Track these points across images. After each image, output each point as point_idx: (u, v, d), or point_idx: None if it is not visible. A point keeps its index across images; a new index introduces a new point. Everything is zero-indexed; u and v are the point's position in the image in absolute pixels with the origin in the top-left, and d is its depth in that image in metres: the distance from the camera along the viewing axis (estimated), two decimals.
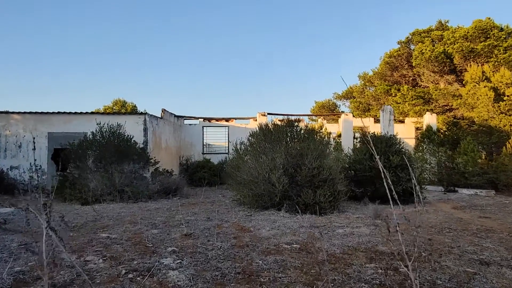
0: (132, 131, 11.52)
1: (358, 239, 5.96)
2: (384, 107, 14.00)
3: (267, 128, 9.52)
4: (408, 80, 28.27)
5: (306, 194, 8.30)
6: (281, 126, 9.28)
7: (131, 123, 11.73)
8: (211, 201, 10.68)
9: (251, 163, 8.93)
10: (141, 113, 11.91)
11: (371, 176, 10.65)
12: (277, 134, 9.15)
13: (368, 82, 31.71)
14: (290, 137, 9.19)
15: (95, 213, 8.05)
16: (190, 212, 8.45)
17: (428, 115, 17.17)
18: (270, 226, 6.84)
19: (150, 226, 6.66)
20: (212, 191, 14.15)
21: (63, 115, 11.78)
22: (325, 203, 8.31)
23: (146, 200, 10.47)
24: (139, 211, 8.47)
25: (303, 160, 8.67)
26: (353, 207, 9.59)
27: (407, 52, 26.64)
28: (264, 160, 8.87)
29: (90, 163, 10.76)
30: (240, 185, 9.43)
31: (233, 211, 8.83)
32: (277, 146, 9.07)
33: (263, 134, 9.44)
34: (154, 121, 12.64)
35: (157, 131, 13.13)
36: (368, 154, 10.90)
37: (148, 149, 11.79)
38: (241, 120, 20.30)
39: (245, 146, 9.70)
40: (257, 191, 8.73)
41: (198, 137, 19.64)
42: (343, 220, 7.70)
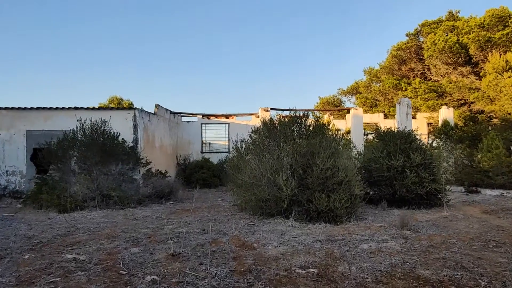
0: (120, 128, 10.32)
1: (389, 258, 4.73)
2: (401, 100, 12.74)
3: (272, 123, 8.29)
4: (416, 74, 26.97)
5: (319, 199, 7.08)
6: (288, 121, 8.04)
7: (119, 119, 10.53)
8: (208, 207, 9.46)
9: (254, 163, 7.70)
10: (130, 108, 10.71)
11: (389, 177, 9.41)
12: (283, 130, 7.91)
13: (374, 77, 30.44)
14: (298, 133, 7.96)
15: (69, 224, 6.84)
16: (182, 221, 7.23)
17: (444, 109, 15.88)
18: (278, 241, 5.61)
19: (130, 242, 5.43)
20: (210, 194, 12.93)
21: (43, 111, 10.57)
22: (341, 210, 7.08)
23: (135, 205, 9.26)
24: (123, 221, 7.26)
25: (314, 160, 7.44)
26: (371, 213, 8.36)
27: (416, 45, 25.36)
28: (269, 159, 7.64)
29: (72, 165, 9.56)
30: (241, 188, 8.21)
31: (233, 219, 7.61)
32: (283, 143, 7.84)
33: (267, 130, 8.21)
34: (145, 117, 11.43)
35: (150, 128, 11.92)
36: (385, 151, 9.65)
37: (138, 148, 10.59)
38: (242, 117, 19.07)
39: (246, 144, 8.47)
40: (260, 196, 7.51)
41: (197, 135, 18.42)
42: (363, 230, 6.47)
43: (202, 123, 18.53)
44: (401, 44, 26.21)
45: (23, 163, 10.50)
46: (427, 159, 9.61)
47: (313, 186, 7.30)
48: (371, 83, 30.34)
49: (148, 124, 11.72)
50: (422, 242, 5.65)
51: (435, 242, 5.67)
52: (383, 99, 27.68)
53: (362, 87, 30.43)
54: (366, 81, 30.80)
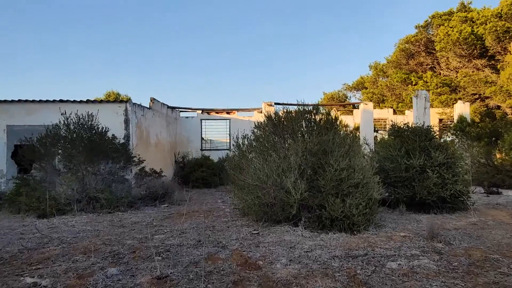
0: (110, 123, 9.39)
1: (428, 283, 3.79)
2: (418, 92, 11.75)
3: (278, 118, 7.34)
4: (425, 69, 25.93)
5: (333, 204, 6.13)
6: (296, 115, 7.08)
7: (109, 113, 9.60)
8: (207, 210, 8.53)
9: (258, 162, 6.75)
10: (121, 100, 9.78)
11: (407, 178, 8.46)
12: (290, 126, 6.96)
13: (381, 72, 29.43)
14: (307, 129, 7.00)
15: (43, 233, 5.91)
16: (176, 229, 6.30)
17: (460, 104, 14.87)
18: (288, 256, 4.68)
19: (110, 259, 4.50)
20: (210, 195, 12.00)
21: (25, 104, 9.63)
22: (358, 217, 6.13)
23: (125, 209, 8.34)
24: (108, 229, 6.33)
25: (327, 159, 6.49)
26: (389, 219, 7.41)
27: (425, 37, 24.32)
28: (275, 158, 6.70)
29: (55, 163, 8.64)
30: (243, 191, 7.27)
31: (234, 226, 6.68)
32: (291, 140, 6.90)
33: (272, 125, 7.26)
34: (139, 111, 10.49)
35: (144, 124, 10.98)
36: (403, 149, 8.69)
37: (130, 145, 9.66)
38: (244, 112, 18.13)
39: (249, 141, 7.53)
40: (265, 200, 6.58)
41: (196, 132, 17.50)
42: (386, 241, 5.53)
43: (202, 119, 17.60)
44: (410, 37, 25.16)
45: (3, 161, 9.58)
46: (450, 157, 8.65)
47: (325, 189, 6.35)
48: (377, 78, 29.32)
49: (142, 119, 10.79)
50: (460, 258, 4.71)
51: (475, 258, 4.73)
52: (390, 95, 26.68)
53: (368, 82, 29.43)
54: (372, 76, 29.79)
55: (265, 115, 7.99)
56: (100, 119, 9.24)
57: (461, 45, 17.08)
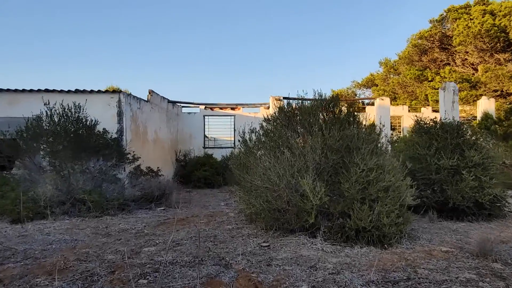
0: (102, 116, 8.40)
1: None
2: (445, 85, 10.63)
3: (291, 109, 6.30)
4: (439, 65, 24.76)
5: (359, 211, 5.09)
6: (314, 106, 6.03)
7: (100, 104, 8.60)
8: (208, 215, 7.51)
9: (268, 161, 5.71)
10: (113, 91, 8.79)
11: (438, 180, 7.39)
12: (307, 118, 5.91)
13: (392, 69, 28.30)
14: (326, 123, 5.94)
15: (5, 244, 4.91)
16: (170, 239, 5.28)
17: (484, 100, 13.72)
18: (309, 281, 3.64)
19: (79, 284, 3.48)
20: (212, 196, 10.98)
21: (7, 94, 8.63)
22: (390, 227, 5.08)
23: (115, 212, 7.34)
24: (89, 238, 5.32)
25: (351, 157, 5.44)
26: (419, 228, 6.35)
27: (440, 32, 23.15)
28: (288, 157, 5.65)
29: (39, 160, 7.66)
30: (250, 194, 6.23)
31: (240, 236, 5.65)
32: (307, 135, 5.85)
33: (285, 117, 6.21)
34: (134, 103, 9.48)
35: (140, 118, 9.98)
36: (433, 148, 7.62)
37: (123, 141, 8.66)
38: (249, 108, 17.10)
39: (257, 136, 6.49)
40: (277, 205, 5.54)
41: (199, 128, 16.48)
42: (426, 259, 4.47)
43: (205, 115, 16.58)
44: (424, 32, 24.00)
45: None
46: (486, 157, 7.56)
47: (349, 193, 5.30)
48: (388, 75, 28.20)
49: (138, 112, 9.78)
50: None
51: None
52: (402, 92, 25.55)
53: (378, 79, 28.30)
54: (383, 73, 28.65)
55: (275, 105, 6.97)
56: (90, 111, 8.25)
57: (483, 38, 15.94)
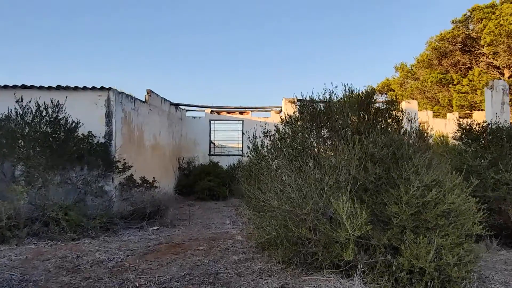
0: (87, 117, 7.15)
1: None
2: (493, 83, 9.15)
3: (317, 109, 4.94)
4: (460, 69, 23.27)
5: (413, 245, 3.69)
6: (348, 102, 4.66)
7: (86, 104, 7.34)
8: (210, 237, 6.15)
9: (287, 174, 4.35)
10: (102, 88, 7.49)
11: (496, 198, 5.94)
12: (338, 118, 4.54)
13: (409, 73, 26.86)
14: (363, 124, 4.56)
15: None
16: (156, 279, 3.92)
17: None
18: None
19: None
20: (217, 211, 9.62)
21: None
22: (457, 268, 3.66)
23: (98, 233, 6.02)
24: (48, 276, 3.98)
25: (400, 170, 4.05)
26: (482, 261, 4.89)
27: (463, 33, 21.69)
28: (314, 169, 4.28)
29: (7, 168, 6.40)
30: (262, 215, 4.87)
31: (249, 272, 4.27)
32: (338, 141, 4.48)
33: (309, 118, 4.85)
34: (128, 103, 8.21)
35: (136, 120, 8.70)
36: (489, 158, 6.17)
37: (112, 146, 7.36)
38: (258, 113, 15.77)
39: (273, 141, 5.13)
40: (299, 233, 4.16)
41: (204, 134, 15.19)
42: None
43: (211, 120, 15.29)
44: (445, 33, 22.53)
45: None
46: None
47: (399, 219, 3.91)
48: (405, 79, 26.75)
49: (133, 114, 8.51)
50: None
51: None
52: (421, 97, 24.04)
53: (395, 84, 26.85)
54: (400, 78, 27.21)
55: (294, 107, 5.64)
56: (74, 111, 7.01)
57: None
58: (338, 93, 5.27)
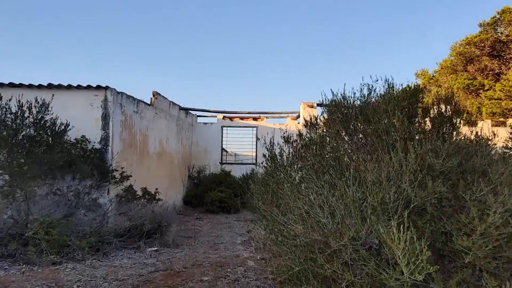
0: (81, 120, 6.30)
1: None
2: None
3: (351, 105, 3.93)
4: (487, 75, 21.90)
5: None
6: (398, 97, 3.65)
7: (80, 104, 6.49)
8: (217, 263, 5.15)
9: (316, 191, 3.33)
10: (98, 87, 6.62)
11: None
12: (382, 118, 3.52)
13: (431, 80, 25.61)
14: (414, 126, 3.54)
15: None
16: None
17: None
18: None
19: None
20: (227, 226, 8.62)
21: None
22: None
23: (85, 256, 5.09)
24: None
25: (471, 190, 2.99)
26: None
27: (492, 37, 20.39)
28: (350, 187, 3.26)
29: None
30: (282, 240, 3.84)
31: None
32: (382, 149, 3.45)
33: (343, 119, 3.84)
34: (129, 105, 7.34)
35: (138, 124, 7.82)
36: None
37: (109, 152, 6.47)
38: (273, 119, 14.78)
39: (295, 148, 4.12)
40: (332, 271, 3.13)
41: (216, 141, 14.28)
42: None
43: (223, 126, 14.38)
44: (472, 37, 21.27)
45: None
46: None
47: (472, 256, 2.84)
48: (428, 86, 25.48)
49: (135, 117, 7.64)
50: None
51: None
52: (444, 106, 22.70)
53: None
54: (421, 85, 25.91)
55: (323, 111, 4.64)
56: (67, 113, 6.19)
57: None
58: (375, 90, 4.29)
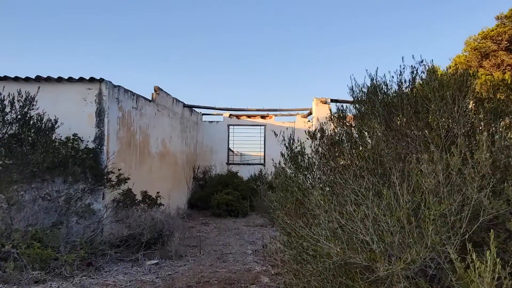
0: (73, 116, 5.64)
1: None
2: None
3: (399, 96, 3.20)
4: (504, 71, 21.01)
5: None
6: (455, 82, 2.91)
7: (71, 99, 5.79)
8: (226, 280, 4.43)
9: (353, 201, 2.59)
10: (92, 79, 5.91)
11: None
12: (444, 108, 2.77)
13: None
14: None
15: None
16: None
17: None
18: None
19: None
20: (235, 232, 7.89)
21: None
22: None
23: (73, 271, 4.40)
24: None
25: None
26: None
27: (511, 30, 19.52)
28: (405, 197, 2.50)
29: None
30: (308, 258, 3.11)
31: None
32: (437, 147, 2.70)
33: (385, 109, 3.10)
34: (127, 100, 6.64)
35: (138, 122, 7.14)
36: None
37: (104, 152, 5.76)
38: (282, 117, 14.03)
39: (322, 145, 3.38)
40: None
41: (222, 140, 13.57)
42: None
43: (229, 124, 13.67)
44: (488, 31, 20.38)
45: None
46: None
47: None
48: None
49: (134, 113, 6.95)
50: None
51: None
52: None
53: None
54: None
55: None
56: (57, 109, 5.53)
57: None
58: (418, 73, 3.55)
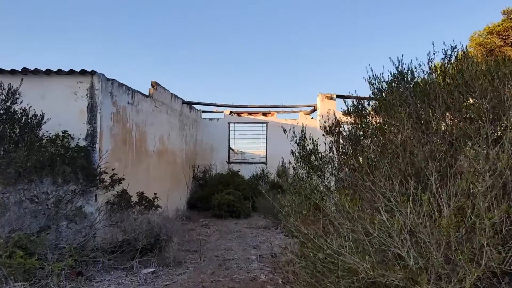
0: (63, 111, 5.22)
1: None
2: None
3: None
4: None
5: None
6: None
7: (61, 93, 5.35)
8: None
9: (383, 208, 2.18)
10: (83, 71, 5.47)
11: None
12: (482, 94, 2.37)
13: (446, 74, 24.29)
14: None
15: None
16: None
17: None
18: None
19: None
20: (237, 234, 7.48)
21: None
22: None
23: (60, 282, 3.99)
24: None
25: None
26: None
27: None
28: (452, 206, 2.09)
29: None
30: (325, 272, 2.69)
31: None
32: (482, 140, 2.29)
33: (417, 98, 2.67)
34: (122, 95, 6.20)
35: (134, 118, 6.71)
36: None
37: (96, 150, 5.33)
38: (284, 114, 13.58)
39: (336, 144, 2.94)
40: None
41: (222, 138, 13.14)
42: None
43: (230, 122, 13.24)
44: (494, 26, 19.92)
45: None
46: None
47: None
48: (445, 80, 24.21)
49: (129, 109, 6.52)
50: None
51: None
52: None
53: None
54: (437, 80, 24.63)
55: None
56: (45, 104, 5.11)
57: None
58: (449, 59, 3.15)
